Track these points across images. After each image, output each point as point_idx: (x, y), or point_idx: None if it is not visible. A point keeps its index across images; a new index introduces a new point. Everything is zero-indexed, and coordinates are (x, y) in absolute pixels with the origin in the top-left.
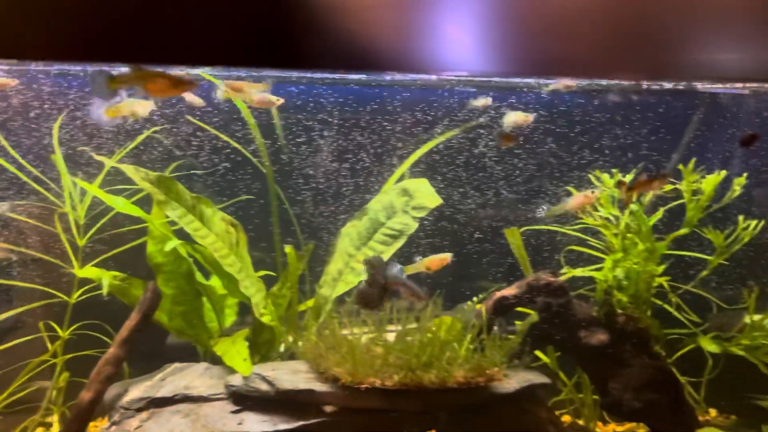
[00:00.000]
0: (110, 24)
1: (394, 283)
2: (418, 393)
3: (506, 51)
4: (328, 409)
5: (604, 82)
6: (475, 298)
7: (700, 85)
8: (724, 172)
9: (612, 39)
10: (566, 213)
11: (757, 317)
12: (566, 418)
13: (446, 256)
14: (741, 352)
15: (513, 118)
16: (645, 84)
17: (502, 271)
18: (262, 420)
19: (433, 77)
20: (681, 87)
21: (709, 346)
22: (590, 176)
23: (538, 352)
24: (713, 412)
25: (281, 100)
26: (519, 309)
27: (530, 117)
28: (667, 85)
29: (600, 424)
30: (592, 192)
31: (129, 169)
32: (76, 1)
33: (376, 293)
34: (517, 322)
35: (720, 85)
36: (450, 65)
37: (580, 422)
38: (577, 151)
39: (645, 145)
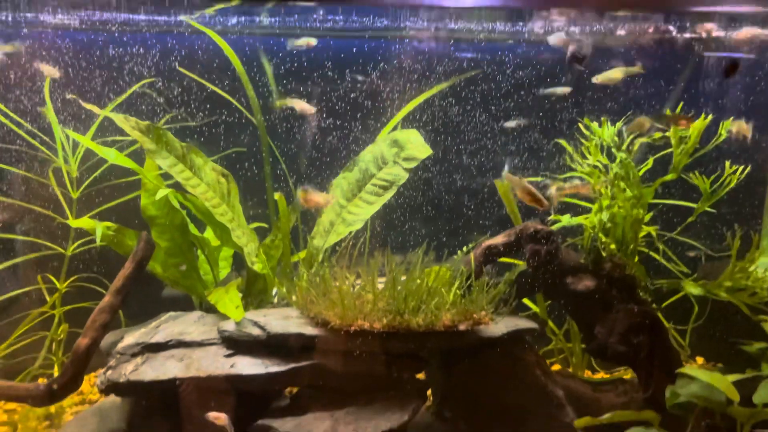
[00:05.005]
0: None
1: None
2: (407, 336)
3: None
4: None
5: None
6: (464, 248)
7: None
8: (710, 116)
9: None
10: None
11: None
12: (556, 367)
13: None
14: (724, 294)
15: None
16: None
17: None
18: (253, 363)
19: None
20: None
21: (693, 289)
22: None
23: (526, 300)
24: (700, 359)
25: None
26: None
27: None
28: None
29: (588, 372)
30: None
31: (118, 118)
32: None
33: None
34: (507, 274)
35: None
36: None
37: (569, 370)
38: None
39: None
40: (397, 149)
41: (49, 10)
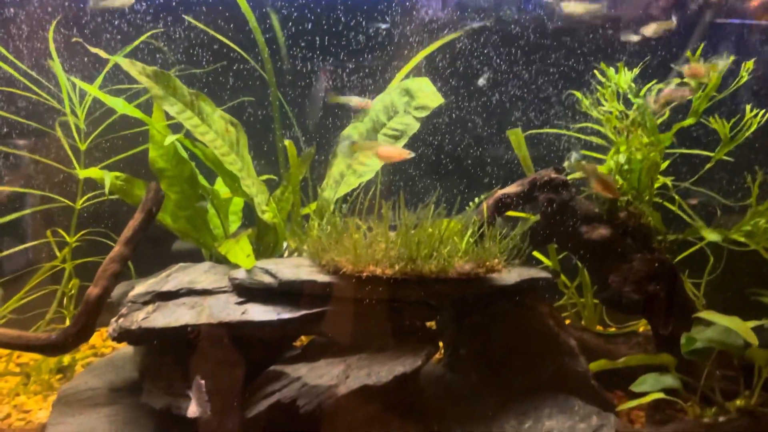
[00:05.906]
0: None
1: None
2: (419, 283)
3: None
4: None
5: None
6: (476, 199)
7: None
8: (732, 57)
9: None
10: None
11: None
12: (568, 321)
13: None
14: (741, 239)
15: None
16: None
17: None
18: (265, 310)
19: None
20: None
21: (710, 235)
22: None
23: (539, 255)
24: None
25: None
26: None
27: None
28: None
29: (600, 327)
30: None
31: (125, 63)
32: None
33: None
34: (520, 223)
35: None
36: None
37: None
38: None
39: None
40: (408, 98)
41: None
